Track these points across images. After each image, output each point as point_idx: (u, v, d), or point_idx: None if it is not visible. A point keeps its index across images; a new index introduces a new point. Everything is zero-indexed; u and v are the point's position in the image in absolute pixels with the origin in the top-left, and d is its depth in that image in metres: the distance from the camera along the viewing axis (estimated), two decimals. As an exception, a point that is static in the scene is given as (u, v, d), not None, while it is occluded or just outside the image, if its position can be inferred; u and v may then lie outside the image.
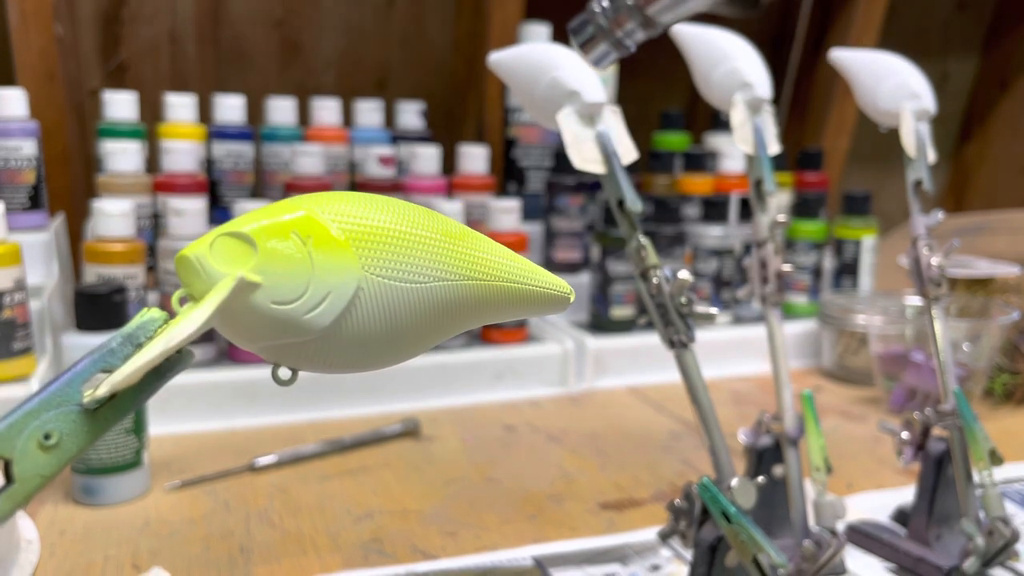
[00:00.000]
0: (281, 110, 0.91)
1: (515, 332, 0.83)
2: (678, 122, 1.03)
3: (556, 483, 0.63)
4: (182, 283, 0.24)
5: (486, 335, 0.83)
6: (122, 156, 0.77)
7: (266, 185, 0.91)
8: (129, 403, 0.24)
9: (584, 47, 0.20)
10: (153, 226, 0.80)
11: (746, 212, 0.96)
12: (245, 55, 1.07)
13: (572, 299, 0.30)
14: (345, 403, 0.75)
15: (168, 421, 0.69)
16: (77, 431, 0.23)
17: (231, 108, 0.88)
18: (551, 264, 0.95)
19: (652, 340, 0.85)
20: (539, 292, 0.29)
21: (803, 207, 1.00)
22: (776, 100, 0.56)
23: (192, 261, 0.23)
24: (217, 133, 0.88)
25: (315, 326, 0.23)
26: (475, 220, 0.87)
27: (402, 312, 0.25)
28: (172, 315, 0.24)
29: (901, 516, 0.57)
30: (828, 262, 1.03)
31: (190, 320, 0.22)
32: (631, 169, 0.48)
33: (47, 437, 0.22)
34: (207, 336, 0.75)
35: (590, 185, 0.93)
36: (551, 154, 1.00)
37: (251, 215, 0.24)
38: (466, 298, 0.26)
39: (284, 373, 0.24)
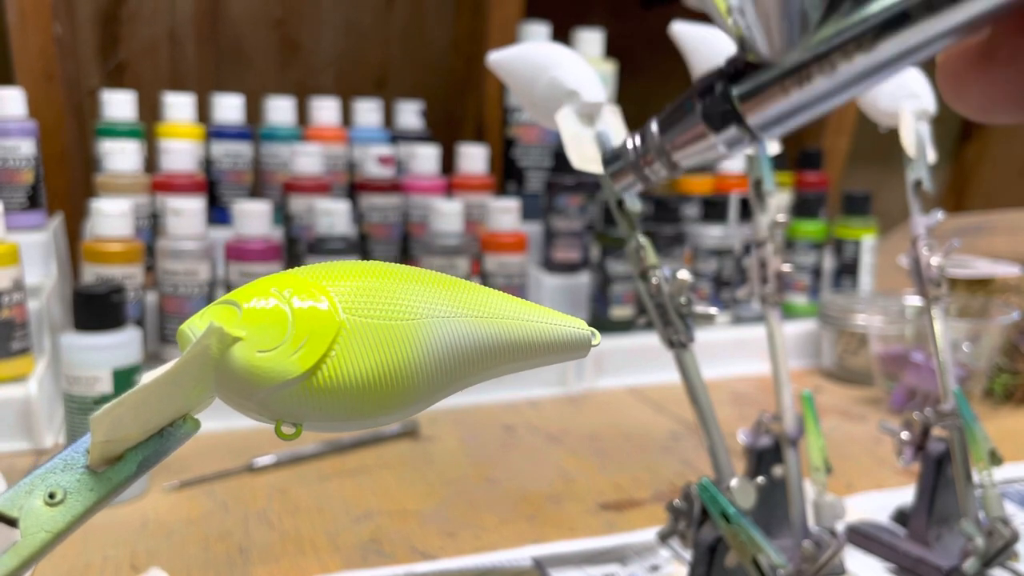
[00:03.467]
0: (280, 110, 0.91)
1: (514, 332, 0.83)
2: (678, 122, 1.03)
3: (555, 483, 0.63)
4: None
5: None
6: (120, 156, 0.76)
7: (265, 185, 0.91)
8: (134, 464, 0.25)
9: (614, 176, 0.23)
10: (152, 226, 0.80)
11: (746, 212, 0.96)
12: (244, 55, 1.07)
13: (597, 342, 0.28)
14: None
15: (167, 421, 0.68)
16: (82, 489, 0.24)
17: (230, 108, 0.88)
18: (551, 264, 0.95)
19: (652, 340, 0.84)
20: (552, 329, 0.27)
21: (803, 207, 1.00)
22: (776, 100, 0.55)
23: (186, 332, 0.24)
24: (216, 133, 0.88)
25: (302, 367, 0.24)
26: (474, 220, 0.87)
27: (393, 350, 0.25)
28: None
29: (901, 516, 0.57)
30: (828, 262, 1.03)
31: (163, 367, 0.23)
32: (630, 169, 0.48)
33: (51, 496, 0.23)
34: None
35: (589, 185, 0.93)
36: (551, 154, 1.00)
37: (244, 287, 0.26)
38: (465, 336, 0.26)
39: (287, 429, 0.25)
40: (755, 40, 0.20)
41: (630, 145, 0.24)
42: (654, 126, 0.23)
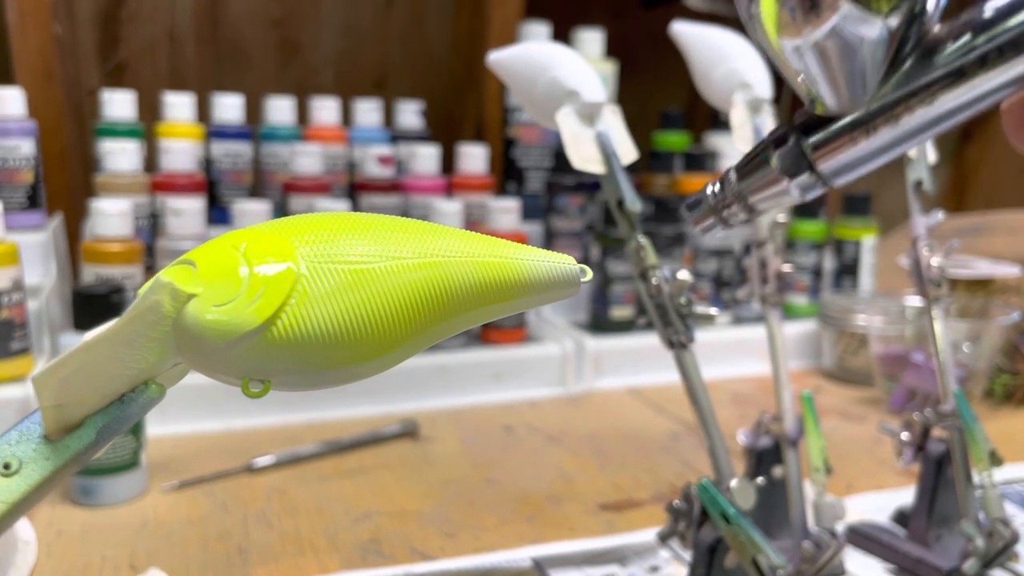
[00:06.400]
0: (280, 109, 0.91)
1: (514, 332, 0.83)
2: (678, 122, 1.03)
3: (555, 484, 0.63)
4: None
5: (485, 335, 0.83)
6: (120, 156, 0.76)
7: (265, 185, 0.91)
8: (93, 431, 0.24)
9: (695, 221, 0.28)
10: (151, 226, 0.80)
11: (746, 212, 0.96)
12: (244, 54, 1.07)
13: (588, 278, 0.26)
14: (343, 404, 0.74)
15: (166, 421, 0.68)
16: (38, 458, 0.23)
17: (230, 107, 0.88)
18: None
19: (652, 340, 0.84)
20: (535, 266, 0.26)
21: (803, 207, 1.00)
22: (776, 100, 0.55)
23: (139, 293, 0.24)
24: (216, 133, 0.88)
25: (260, 317, 0.23)
26: (474, 220, 0.87)
27: (357, 296, 0.24)
28: None
29: (901, 517, 0.57)
30: (828, 262, 1.03)
31: (106, 324, 0.23)
32: (631, 169, 0.48)
33: (6, 466, 0.23)
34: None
35: (590, 185, 0.93)
36: (551, 154, 1.00)
37: (201, 246, 0.25)
38: (438, 277, 0.25)
39: (255, 387, 0.24)
40: (823, 96, 0.22)
41: (709, 191, 0.26)
42: (732, 174, 0.25)
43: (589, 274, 0.26)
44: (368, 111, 0.95)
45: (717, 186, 0.26)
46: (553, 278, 0.26)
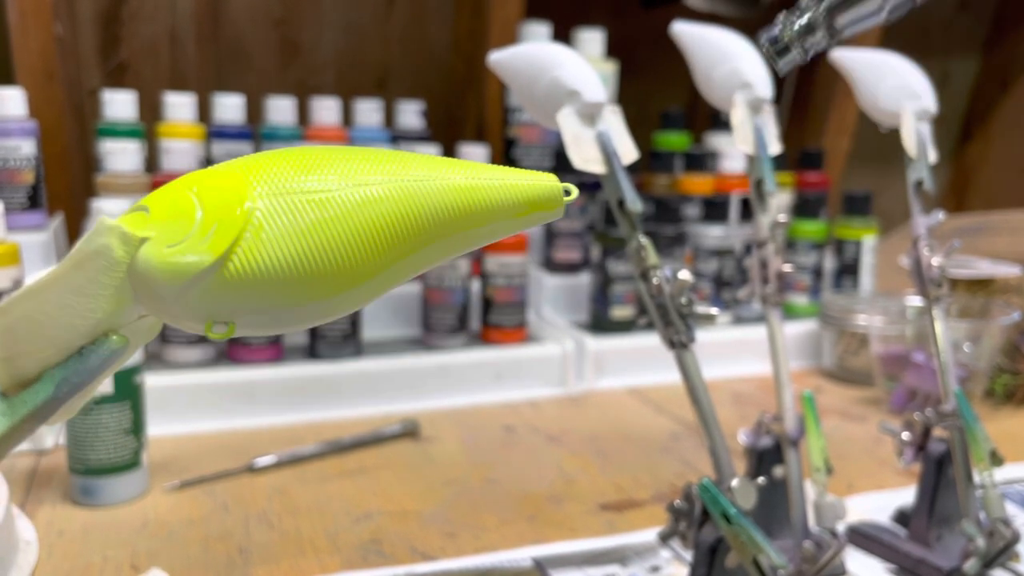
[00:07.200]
0: (280, 110, 0.91)
1: (514, 332, 0.83)
2: (678, 122, 1.03)
3: (556, 484, 0.63)
4: None
5: (485, 335, 0.83)
6: (121, 156, 0.76)
7: (266, 185, 0.91)
8: (51, 385, 0.23)
9: (778, 55, 0.26)
10: (152, 226, 0.80)
11: (747, 212, 0.96)
12: (244, 54, 1.07)
13: (574, 195, 0.25)
14: (344, 404, 0.74)
15: (167, 422, 0.68)
16: None
17: (230, 107, 0.88)
18: (551, 264, 0.95)
19: (652, 340, 0.84)
20: (512, 187, 0.24)
21: (804, 207, 1.00)
22: (777, 100, 0.56)
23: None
24: (216, 133, 0.88)
25: (213, 254, 0.22)
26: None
27: (318, 227, 0.22)
28: None
29: (902, 517, 0.57)
30: (829, 262, 1.03)
31: (48, 269, 0.23)
32: (631, 169, 0.48)
33: None
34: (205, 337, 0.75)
35: (590, 185, 0.93)
36: (551, 154, 1.00)
37: (155, 191, 0.24)
38: (406, 204, 0.23)
39: (219, 328, 0.23)
40: None
41: (796, 23, 0.26)
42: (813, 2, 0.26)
43: (575, 192, 0.25)
44: (369, 111, 0.95)
45: (802, 17, 0.26)
46: (531, 198, 0.24)
